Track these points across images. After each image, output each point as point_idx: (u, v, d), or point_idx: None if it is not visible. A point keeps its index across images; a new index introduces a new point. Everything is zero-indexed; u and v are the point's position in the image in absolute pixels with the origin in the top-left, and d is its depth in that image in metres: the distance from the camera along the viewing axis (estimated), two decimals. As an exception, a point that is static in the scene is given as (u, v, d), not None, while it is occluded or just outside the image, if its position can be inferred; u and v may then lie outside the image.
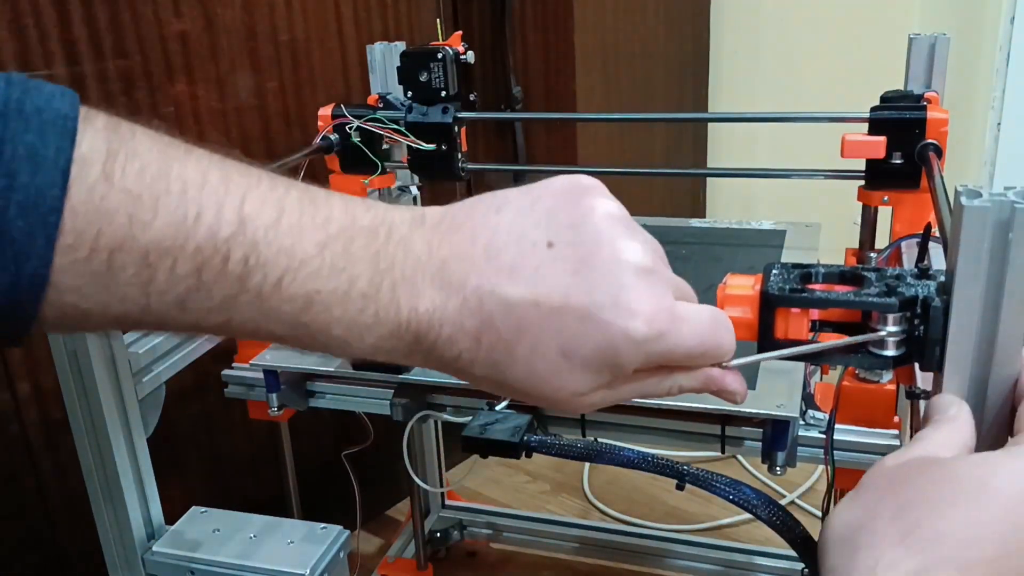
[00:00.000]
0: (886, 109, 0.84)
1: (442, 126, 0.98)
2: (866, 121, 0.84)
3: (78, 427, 0.72)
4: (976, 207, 0.43)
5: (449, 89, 0.99)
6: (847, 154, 0.85)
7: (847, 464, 0.69)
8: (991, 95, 1.81)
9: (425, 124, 0.98)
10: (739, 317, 0.54)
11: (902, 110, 0.83)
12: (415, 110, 0.98)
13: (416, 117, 0.98)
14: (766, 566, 1.25)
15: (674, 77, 1.81)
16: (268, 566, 0.72)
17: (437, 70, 0.98)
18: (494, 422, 0.72)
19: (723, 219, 1.10)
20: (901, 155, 0.83)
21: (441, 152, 0.99)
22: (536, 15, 1.48)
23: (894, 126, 0.83)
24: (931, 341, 0.48)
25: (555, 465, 1.63)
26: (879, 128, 0.84)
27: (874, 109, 0.85)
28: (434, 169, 1.01)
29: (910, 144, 0.82)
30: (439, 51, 0.98)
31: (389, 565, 1.34)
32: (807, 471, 1.54)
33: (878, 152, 0.83)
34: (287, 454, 1.08)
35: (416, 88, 0.99)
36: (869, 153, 0.84)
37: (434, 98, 0.98)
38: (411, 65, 0.99)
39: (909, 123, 0.82)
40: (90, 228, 0.32)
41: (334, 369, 0.80)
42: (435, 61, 0.98)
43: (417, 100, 0.99)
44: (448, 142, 0.98)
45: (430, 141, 0.98)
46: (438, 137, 0.98)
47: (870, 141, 0.84)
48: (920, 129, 0.82)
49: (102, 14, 1.04)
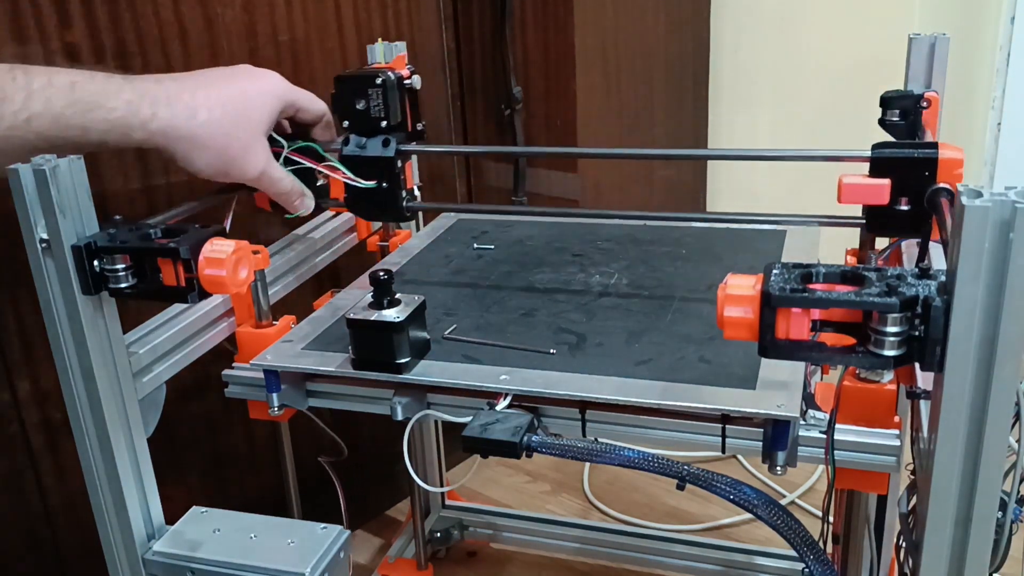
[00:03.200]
0: (891, 147, 0.73)
1: (382, 160, 0.88)
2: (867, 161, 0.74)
3: (78, 427, 0.72)
4: (977, 207, 0.43)
5: (391, 118, 0.89)
6: (845, 199, 0.74)
7: (847, 464, 0.69)
8: (991, 95, 1.81)
9: (363, 158, 0.88)
10: (740, 317, 0.54)
11: (910, 149, 0.72)
12: (352, 142, 0.89)
13: (352, 150, 0.89)
14: (766, 566, 1.25)
15: (674, 77, 1.81)
16: (268, 566, 0.72)
17: (376, 97, 0.88)
18: (494, 422, 0.72)
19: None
20: (907, 201, 0.72)
21: (382, 190, 0.89)
22: (536, 15, 1.48)
23: (900, 167, 0.72)
24: (932, 341, 0.49)
25: (555, 465, 1.63)
26: (882, 169, 0.73)
27: (877, 146, 0.74)
28: (374, 209, 0.92)
29: (918, 188, 0.71)
30: (378, 75, 0.88)
31: (389, 565, 1.34)
32: (807, 471, 1.54)
33: (880, 198, 0.73)
34: (287, 454, 1.08)
35: (352, 117, 0.89)
36: (870, 199, 0.73)
37: (374, 128, 0.89)
38: (346, 91, 0.89)
39: (917, 164, 0.71)
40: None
41: (334, 369, 0.80)
42: (373, 87, 0.88)
43: (354, 130, 0.89)
44: (389, 178, 0.88)
45: (369, 177, 0.89)
46: (378, 172, 0.89)
47: (871, 185, 0.73)
48: (930, 171, 0.71)
49: (102, 14, 1.04)
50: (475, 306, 0.91)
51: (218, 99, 0.78)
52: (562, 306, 0.90)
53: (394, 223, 1.12)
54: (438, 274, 1.01)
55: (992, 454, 0.50)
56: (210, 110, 0.77)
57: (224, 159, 0.79)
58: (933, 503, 0.52)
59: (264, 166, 0.83)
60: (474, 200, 1.60)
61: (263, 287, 0.89)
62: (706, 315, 0.85)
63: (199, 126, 0.76)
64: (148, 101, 0.74)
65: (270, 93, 0.83)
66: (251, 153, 0.81)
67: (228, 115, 0.78)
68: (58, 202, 0.65)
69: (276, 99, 0.83)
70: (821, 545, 0.65)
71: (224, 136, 0.78)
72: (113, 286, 0.69)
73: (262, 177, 0.83)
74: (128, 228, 0.70)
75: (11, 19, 0.96)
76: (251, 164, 0.81)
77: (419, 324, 0.80)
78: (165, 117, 0.74)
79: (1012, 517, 0.55)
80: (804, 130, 1.85)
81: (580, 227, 1.12)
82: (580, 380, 0.75)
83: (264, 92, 0.82)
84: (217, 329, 0.88)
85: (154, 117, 0.74)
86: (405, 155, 0.90)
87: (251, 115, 0.80)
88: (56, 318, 0.69)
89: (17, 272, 0.98)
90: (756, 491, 0.64)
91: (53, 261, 0.67)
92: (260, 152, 0.82)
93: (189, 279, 0.69)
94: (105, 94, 0.72)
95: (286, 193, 0.86)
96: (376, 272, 0.79)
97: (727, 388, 0.71)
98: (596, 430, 0.76)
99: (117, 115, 0.72)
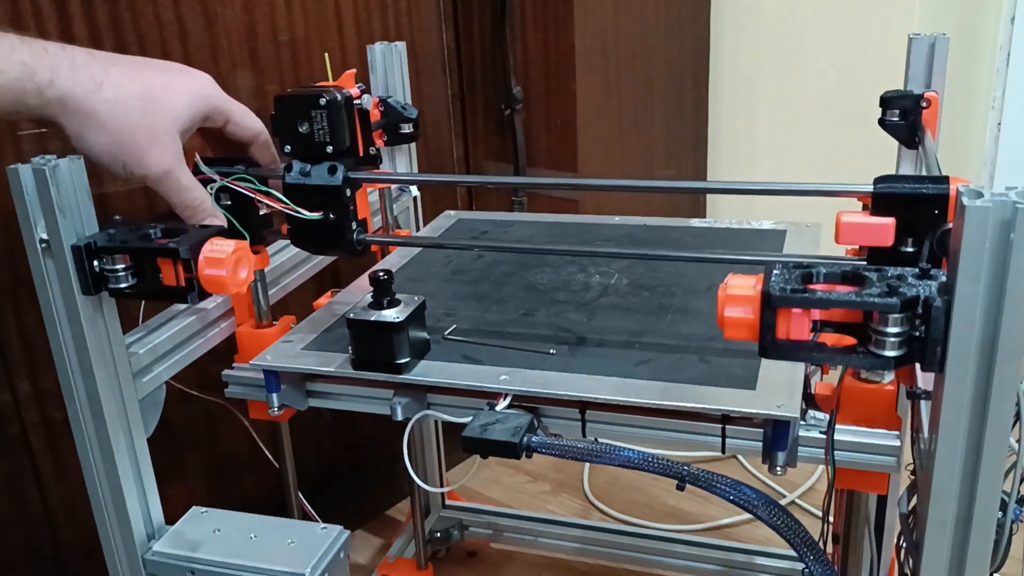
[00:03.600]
0: (896, 181, 0.65)
1: (328, 189, 0.78)
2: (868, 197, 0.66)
3: (78, 427, 0.72)
4: (978, 207, 0.43)
5: (337, 143, 0.79)
6: (843, 240, 0.66)
7: (847, 464, 0.69)
8: (991, 95, 1.81)
9: (307, 187, 0.79)
10: (740, 317, 0.54)
11: (917, 183, 0.64)
12: (295, 168, 0.79)
13: (295, 178, 0.79)
14: (766, 566, 1.24)
15: (674, 77, 1.81)
16: (268, 566, 0.72)
17: (320, 119, 0.79)
18: (494, 422, 0.72)
19: (723, 219, 1.10)
20: (914, 242, 0.64)
21: (329, 222, 0.79)
22: (536, 15, 1.48)
23: (906, 204, 0.64)
24: (932, 341, 0.49)
25: (555, 465, 1.63)
26: (886, 206, 0.64)
27: (880, 180, 0.65)
28: (320, 243, 0.82)
29: (927, 229, 0.63)
30: (323, 95, 0.79)
31: (389, 565, 1.34)
32: (807, 471, 1.54)
33: (884, 239, 0.64)
34: (287, 454, 1.08)
35: (295, 141, 0.80)
36: (872, 240, 0.65)
37: (319, 154, 0.79)
38: (286, 113, 0.79)
39: (926, 201, 0.63)
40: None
41: (334, 369, 0.80)
42: (317, 108, 0.79)
43: (297, 156, 0.80)
44: (338, 209, 0.79)
45: (315, 208, 0.79)
46: (324, 203, 0.79)
47: (874, 224, 0.64)
48: (941, 210, 0.63)
49: (102, 14, 1.04)
50: (475, 306, 0.91)
51: (133, 80, 0.69)
52: (562, 306, 0.90)
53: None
54: (438, 274, 1.01)
55: (992, 454, 0.50)
56: (120, 87, 0.68)
57: (123, 146, 0.69)
58: (933, 503, 0.52)
59: (171, 166, 0.72)
60: (474, 200, 1.60)
61: (263, 287, 0.89)
62: (706, 315, 0.85)
63: (102, 102, 0.67)
64: (47, 65, 0.65)
65: (196, 92, 0.74)
66: (158, 147, 0.71)
67: (140, 100, 0.69)
68: (58, 202, 0.65)
69: (201, 99, 0.74)
70: (821, 545, 0.65)
71: (129, 120, 0.69)
72: (113, 286, 0.69)
73: (167, 178, 0.72)
74: (128, 228, 0.70)
75: (11, 19, 0.96)
76: (155, 159, 0.71)
77: (419, 324, 0.80)
78: (64, 85, 0.65)
79: (1012, 517, 0.55)
80: (804, 130, 1.85)
81: (580, 227, 1.12)
82: (580, 380, 0.75)
83: (189, 89, 0.73)
84: (217, 329, 0.88)
85: (51, 84, 0.65)
86: (355, 183, 0.80)
87: (167, 107, 0.71)
88: (56, 318, 0.69)
89: (17, 272, 0.98)
90: (756, 491, 0.64)
91: (53, 261, 0.67)
92: (169, 149, 0.72)
93: (189, 279, 0.69)
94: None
95: (193, 206, 0.75)
96: (376, 272, 0.79)
97: (727, 388, 0.71)
98: (596, 430, 0.76)
99: (10, 77, 0.63)
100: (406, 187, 1.17)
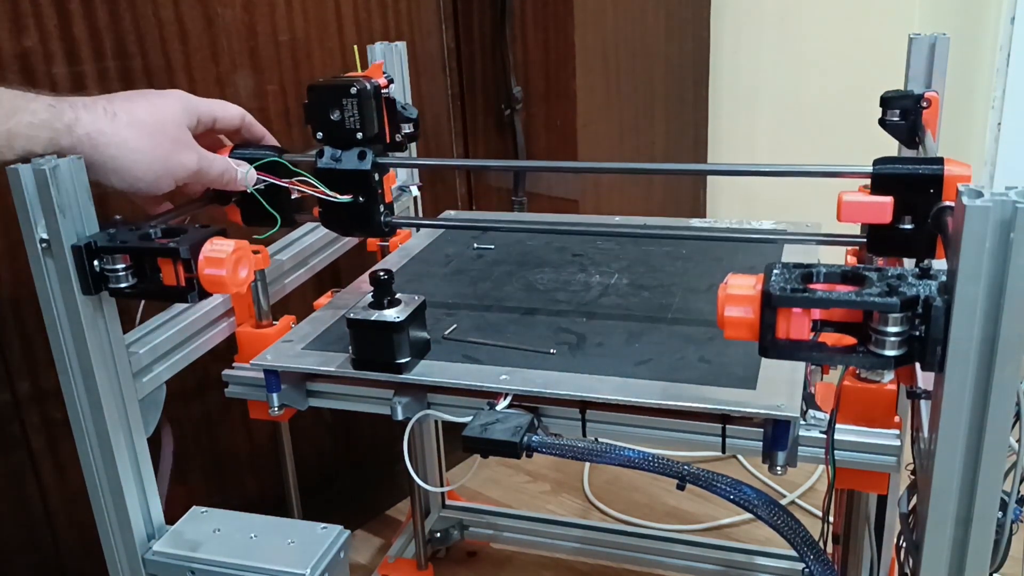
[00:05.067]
0: (894, 163, 0.69)
1: (358, 174, 0.83)
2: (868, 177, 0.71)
3: (78, 427, 0.72)
4: (978, 207, 0.43)
5: (367, 130, 0.83)
6: (844, 217, 0.70)
7: (848, 464, 0.69)
8: (991, 95, 1.81)
9: (338, 172, 0.84)
10: (741, 317, 0.54)
11: (913, 165, 0.69)
12: (327, 154, 0.84)
13: (327, 163, 0.84)
14: (766, 566, 1.25)
15: (674, 77, 1.81)
16: (268, 566, 0.72)
17: (351, 107, 0.83)
18: (494, 422, 0.72)
19: (723, 219, 1.09)
20: (911, 219, 0.69)
21: (359, 204, 0.84)
22: (536, 14, 1.48)
23: (903, 184, 0.69)
24: (932, 341, 0.49)
25: (555, 465, 1.63)
26: (885, 186, 0.69)
27: (879, 162, 0.70)
28: (350, 224, 0.87)
29: (923, 207, 0.68)
30: (353, 84, 0.83)
31: (389, 565, 1.34)
32: (807, 471, 1.54)
33: (883, 216, 0.69)
34: (287, 454, 1.08)
35: (326, 128, 0.84)
36: (872, 217, 0.70)
37: (349, 140, 0.84)
38: (319, 101, 0.84)
39: (922, 181, 0.68)
40: None
41: (334, 369, 0.80)
42: (348, 97, 0.83)
43: (329, 142, 0.84)
44: (367, 192, 0.84)
45: (345, 191, 0.84)
46: (354, 187, 0.84)
47: (873, 203, 0.69)
48: (936, 189, 0.68)
49: (102, 14, 1.04)
50: (475, 306, 0.91)
51: (131, 106, 0.75)
52: (562, 306, 0.90)
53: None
54: (438, 274, 1.01)
55: (992, 454, 0.50)
56: (130, 112, 0.74)
57: (159, 156, 0.75)
58: (933, 503, 0.52)
59: (199, 155, 0.79)
60: (474, 200, 1.60)
61: (263, 287, 0.89)
62: (706, 315, 0.85)
63: (125, 126, 0.73)
64: (67, 105, 0.70)
65: (180, 102, 0.79)
66: (181, 145, 0.78)
67: (149, 118, 0.75)
68: (58, 202, 0.65)
69: (187, 106, 0.80)
70: (821, 545, 0.65)
71: (150, 136, 0.75)
72: (113, 286, 0.69)
73: (201, 165, 0.79)
74: (128, 228, 0.70)
75: (11, 19, 0.96)
76: (185, 157, 0.78)
77: (419, 324, 0.80)
78: (87, 120, 0.71)
79: (1012, 517, 0.55)
80: (804, 130, 1.85)
81: (580, 227, 1.12)
82: (580, 380, 0.75)
83: (174, 102, 0.79)
84: (217, 329, 0.88)
85: (77, 121, 0.70)
86: (383, 168, 0.85)
87: (169, 118, 0.77)
88: (56, 318, 0.69)
89: (17, 272, 0.98)
90: (756, 491, 0.64)
91: (53, 261, 0.67)
92: (189, 143, 0.79)
93: (189, 279, 0.69)
94: (24, 98, 0.68)
95: (222, 172, 0.82)
96: (376, 272, 0.79)
97: (727, 388, 0.71)
98: (596, 430, 0.76)
99: (41, 118, 0.68)
100: (406, 187, 1.17)
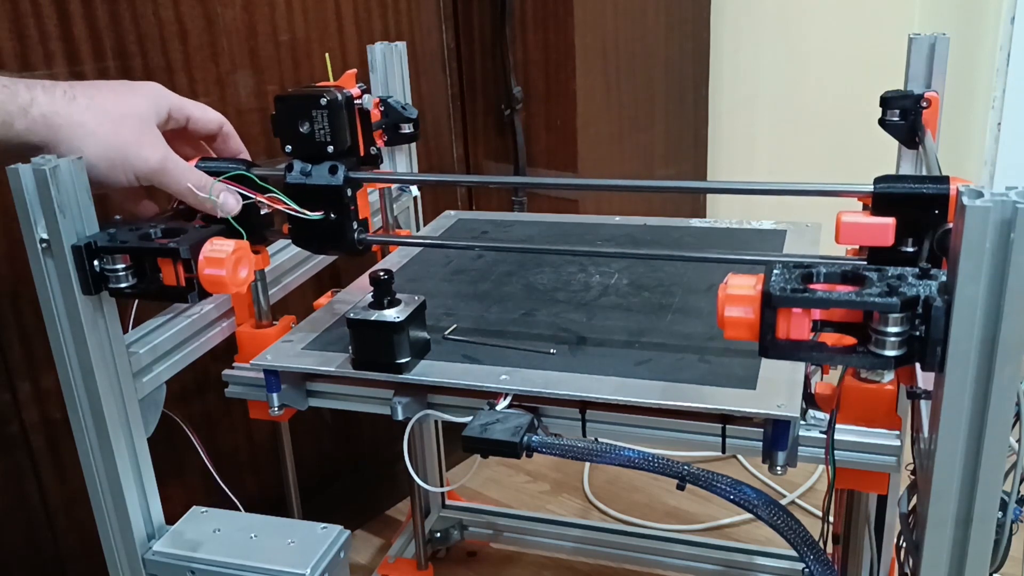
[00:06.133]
0: (896, 181, 0.65)
1: (329, 189, 0.79)
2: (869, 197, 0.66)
3: (78, 427, 0.72)
4: (978, 207, 0.43)
5: (338, 143, 0.79)
6: (843, 240, 0.66)
7: (848, 464, 0.69)
8: (991, 95, 1.81)
9: (309, 187, 0.79)
10: (741, 317, 0.54)
11: (917, 184, 0.64)
12: (296, 168, 0.80)
13: (296, 178, 0.79)
14: (766, 566, 1.24)
15: (674, 77, 1.81)
16: (268, 566, 0.72)
17: (321, 119, 0.79)
18: (494, 422, 0.72)
19: (723, 219, 1.10)
20: (914, 242, 0.64)
21: (330, 221, 0.80)
22: (536, 14, 1.48)
23: (906, 204, 0.64)
24: (933, 341, 0.49)
25: (555, 465, 1.63)
26: (887, 206, 0.64)
27: (880, 180, 0.65)
28: (322, 242, 0.82)
29: (927, 229, 0.64)
30: (323, 95, 0.79)
31: (389, 565, 1.34)
32: (808, 471, 1.54)
33: (884, 239, 0.64)
34: (287, 454, 1.08)
35: (295, 141, 0.80)
36: (872, 240, 0.65)
37: (319, 154, 0.80)
38: (287, 112, 0.79)
39: (926, 201, 0.63)
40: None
41: (334, 369, 0.80)
42: (317, 108, 0.79)
43: (298, 156, 0.80)
44: (339, 209, 0.79)
45: (316, 207, 0.80)
46: (325, 203, 0.79)
47: (874, 224, 0.65)
48: (941, 210, 0.63)
49: (102, 14, 1.04)
50: (475, 306, 0.91)
51: (94, 92, 0.71)
52: (562, 306, 0.90)
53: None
54: (438, 274, 1.01)
55: (992, 454, 0.50)
56: (91, 98, 0.70)
57: (118, 147, 0.71)
58: (933, 503, 0.52)
59: (166, 153, 0.74)
60: (474, 200, 1.60)
61: (263, 287, 0.89)
62: (706, 315, 0.85)
63: (84, 109, 0.69)
64: (22, 86, 0.67)
65: (151, 95, 0.76)
66: (146, 139, 0.73)
67: (113, 105, 0.72)
68: (58, 202, 0.65)
69: (158, 99, 0.76)
70: (821, 545, 0.65)
71: (112, 123, 0.71)
72: (113, 286, 0.69)
73: (167, 163, 0.73)
74: (128, 228, 0.70)
75: (11, 19, 0.96)
76: (149, 150, 0.72)
77: (419, 324, 0.80)
78: (44, 102, 0.68)
79: (1012, 517, 0.55)
80: (804, 130, 1.85)
81: (580, 227, 1.12)
82: (580, 380, 0.75)
83: (145, 94, 0.75)
84: (217, 329, 0.88)
85: (33, 102, 0.67)
86: (355, 183, 0.80)
87: (135, 109, 0.73)
88: (56, 318, 0.69)
89: (17, 271, 0.98)
90: (756, 491, 0.64)
91: (53, 261, 0.67)
92: (157, 140, 0.74)
93: (189, 279, 0.69)
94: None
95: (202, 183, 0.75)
96: (376, 272, 0.79)
97: (727, 388, 0.71)
98: (596, 430, 0.76)
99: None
100: (406, 187, 1.17)
